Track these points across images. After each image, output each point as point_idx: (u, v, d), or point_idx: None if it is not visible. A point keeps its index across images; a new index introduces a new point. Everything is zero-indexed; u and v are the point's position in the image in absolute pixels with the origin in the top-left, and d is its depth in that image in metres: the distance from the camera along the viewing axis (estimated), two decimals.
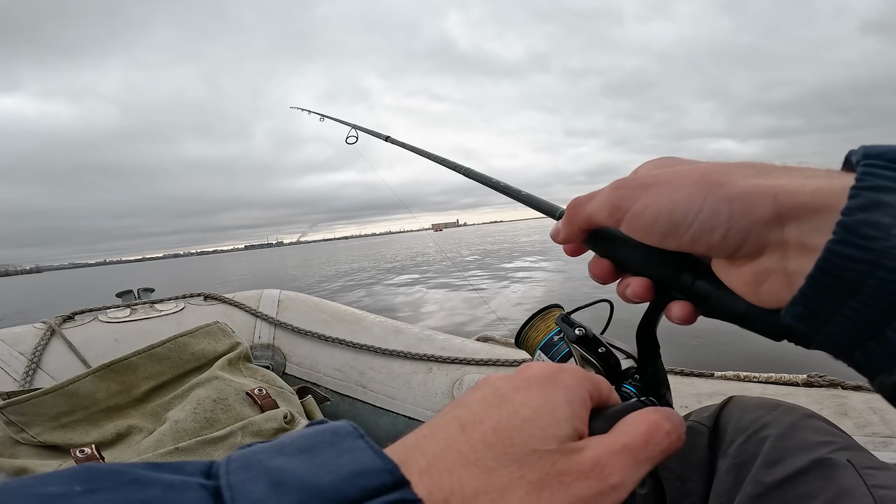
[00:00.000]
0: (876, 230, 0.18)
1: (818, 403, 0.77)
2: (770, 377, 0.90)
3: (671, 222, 0.24)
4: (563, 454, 0.20)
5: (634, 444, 0.21)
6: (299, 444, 0.18)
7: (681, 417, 0.24)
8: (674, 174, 0.25)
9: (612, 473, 0.20)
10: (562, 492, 0.19)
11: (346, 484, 0.16)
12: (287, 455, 0.18)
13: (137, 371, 0.88)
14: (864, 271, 0.18)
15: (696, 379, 0.95)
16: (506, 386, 0.23)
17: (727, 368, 0.97)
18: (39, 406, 0.79)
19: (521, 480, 0.19)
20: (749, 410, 0.51)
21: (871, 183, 0.19)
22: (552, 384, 0.23)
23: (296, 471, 0.17)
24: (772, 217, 0.21)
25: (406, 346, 1.23)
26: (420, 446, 0.21)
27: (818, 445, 0.43)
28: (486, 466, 0.19)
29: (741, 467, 0.46)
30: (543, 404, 0.22)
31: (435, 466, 0.19)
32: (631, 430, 0.22)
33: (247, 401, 0.86)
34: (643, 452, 0.21)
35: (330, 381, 1.23)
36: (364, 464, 0.17)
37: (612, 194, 0.27)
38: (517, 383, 0.23)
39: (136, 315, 1.26)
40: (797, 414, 0.48)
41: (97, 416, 0.83)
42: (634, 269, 0.29)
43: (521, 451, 0.20)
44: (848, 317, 0.19)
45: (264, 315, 1.35)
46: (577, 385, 0.23)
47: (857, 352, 0.19)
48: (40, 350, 1.09)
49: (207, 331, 1.00)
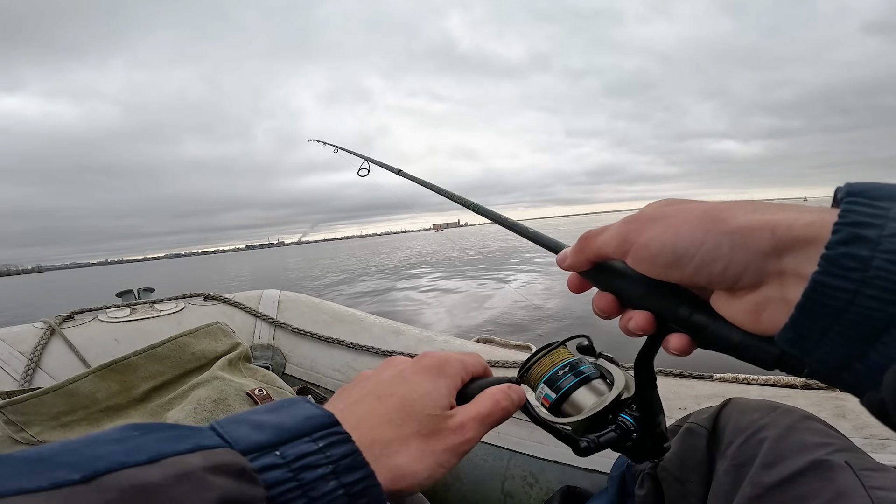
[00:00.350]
0: (856, 262, 0.20)
1: (816, 405, 0.78)
2: (768, 379, 0.91)
3: (675, 254, 0.26)
4: (443, 418, 0.31)
5: (482, 413, 0.33)
6: (268, 407, 0.27)
7: (521, 392, 0.36)
8: (679, 210, 0.27)
9: (468, 431, 0.32)
10: (441, 441, 0.31)
11: (302, 423, 0.25)
12: (259, 413, 0.26)
13: (138, 371, 0.88)
14: (846, 299, 0.20)
15: (694, 381, 0.96)
16: (408, 370, 0.34)
17: (726, 370, 0.98)
18: (39, 405, 0.79)
19: (419, 433, 0.30)
20: (747, 412, 0.52)
21: (852, 219, 0.21)
22: (439, 372, 0.34)
23: (268, 419, 0.26)
24: (770, 249, 0.23)
25: (406, 347, 1.23)
26: (349, 410, 0.31)
27: (816, 447, 0.43)
28: (396, 424, 0.30)
29: (740, 468, 0.46)
30: (433, 385, 0.33)
31: (361, 424, 0.30)
32: (481, 402, 0.33)
33: (247, 401, 0.86)
34: (486, 419, 0.33)
35: (330, 381, 1.23)
36: (312, 413, 0.26)
37: (622, 227, 0.29)
38: (416, 368, 0.34)
39: (136, 315, 1.26)
40: (795, 416, 0.49)
41: (97, 416, 0.83)
42: (637, 302, 0.30)
43: (419, 415, 0.31)
44: (835, 340, 0.21)
45: (264, 315, 1.35)
46: (455, 373, 0.35)
47: (845, 373, 0.21)
48: (40, 349, 1.09)
49: (208, 331, 1.00)
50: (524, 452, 0.91)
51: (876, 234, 0.20)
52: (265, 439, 0.24)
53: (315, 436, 0.25)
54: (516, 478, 0.90)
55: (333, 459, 0.24)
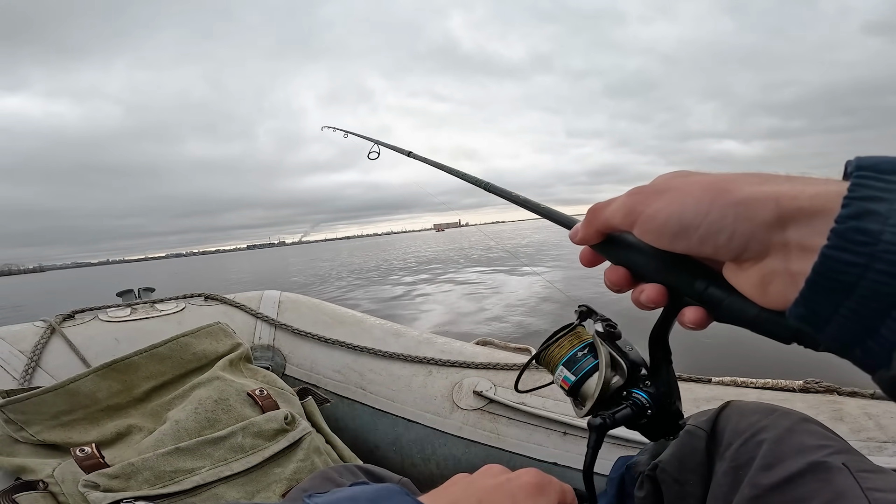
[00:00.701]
0: (866, 236, 0.19)
1: (814, 408, 0.78)
2: (767, 382, 0.91)
3: (681, 225, 0.26)
4: None
5: None
6: (368, 496, 0.26)
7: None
8: (685, 182, 0.27)
9: None
10: None
11: None
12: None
13: (139, 370, 0.89)
14: (856, 274, 0.20)
15: (693, 384, 0.96)
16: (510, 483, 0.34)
17: (724, 374, 0.98)
18: (39, 405, 0.79)
19: None
20: (746, 414, 0.52)
21: (862, 193, 0.20)
22: (541, 493, 0.34)
23: None
24: (774, 220, 0.23)
25: (406, 348, 1.23)
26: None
27: (814, 449, 0.44)
28: None
29: (738, 470, 0.47)
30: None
31: None
32: None
33: (248, 401, 0.86)
34: None
35: (330, 382, 1.23)
36: None
37: (628, 199, 0.29)
38: (520, 483, 0.34)
39: (137, 314, 1.26)
40: (793, 418, 0.49)
41: (97, 416, 0.83)
42: (649, 275, 0.30)
43: None
44: (846, 316, 0.20)
45: (265, 316, 1.35)
46: (554, 495, 0.35)
47: (857, 349, 0.21)
48: (40, 349, 1.09)
49: (209, 331, 1.00)
50: (524, 454, 0.92)
51: (886, 209, 0.20)
52: None
53: None
54: None
55: None
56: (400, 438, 1.10)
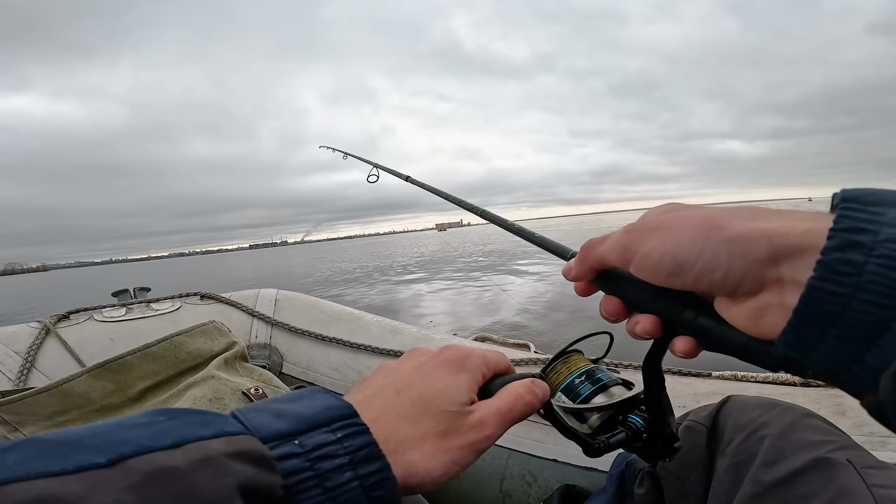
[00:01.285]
0: (850, 267, 0.20)
1: (816, 403, 0.77)
2: (767, 377, 0.90)
3: (675, 263, 0.26)
4: (461, 414, 0.31)
5: (503, 408, 0.32)
6: (289, 397, 0.28)
7: (545, 387, 0.35)
8: (678, 218, 0.27)
9: (487, 427, 0.31)
10: (458, 438, 0.30)
11: (321, 413, 0.26)
12: (280, 402, 0.27)
13: (133, 370, 0.88)
14: (842, 303, 0.20)
15: (693, 379, 0.95)
16: (429, 363, 0.34)
17: (725, 368, 0.97)
18: (33, 405, 0.78)
19: (435, 430, 0.30)
20: (747, 410, 0.51)
21: (846, 225, 0.21)
22: (460, 366, 0.33)
23: (288, 408, 0.26)
24: (767, 257, 0.23)
25: (404, 345, 1.22)
26: (366, 403, 0.30)
27: (817, 444, 0.43)
28: (413, 419, 0.30)
29: (740, 466, 0.46)
30: (452, 380, 0.32)
31: (378, 419, 0.29)
32: (503, 397, 0.33)
33: (243, 400, 0.85)
34: (508, 415, 0.32)
35: (327, 381, 1.22)
36: (331, 403, 0.27)
37: (623, 237, 0.29)
38: (436, 362, 0.34)
39: (132, 314, 1.25)
40: (796, 413, 0.48)
41: (92, 416, 0.82)
42: (643, 306, 0.31)
43: (436, 411, 0.30)
44: (832, 344, 0.21)
45: (261, 315, 1.34)
46: (476, 368, 0.34)
47: (843, 375, 0.21)
48: (35, 349, 1.08)
49: (204, 330, 0.99)
50: (523, 451, 0.91)
51: (870, 240, 0.20)
52: (285, 428, 0.24)
53: (333, 426, 0.25)
54: (515, 476, 0.90)
55: (350, 450, 0.25)
56: None
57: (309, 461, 0.23)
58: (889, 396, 0.19)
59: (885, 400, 0.20)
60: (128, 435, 0.20)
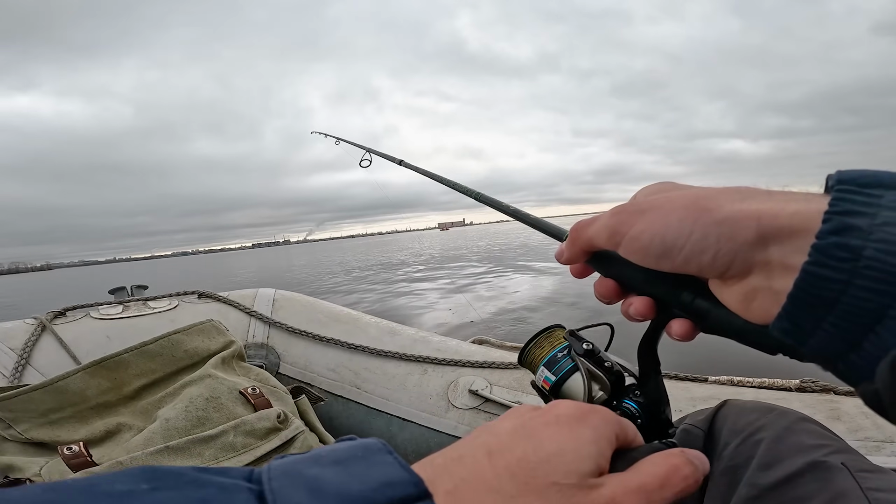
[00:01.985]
0: (847, 252, 0.19)
1: (811, 408, 0.78)
2: (763, 382, 0.91)
3: (664, 245, 0.26)
4: (582, 489, 0.21)
5: (650, 485, 0.22)
6: (334, 457, 0.20)
7: (705, 459, 0.24)
8: (666, 200, 0.27)
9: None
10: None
11: (376, 493, 0.18)
12: (322, 465, 0.19)
13: (129, 368, 0.87)
14: (838, 289, 0.20)
15: (690, 383, 0.95)
16: (535, 420, 0.25)
17: (721, 373, 0.98)
18: (28, 402, 0.78)
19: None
20: (743, 414, 0.51)
21: (843, 207, 0.20)
22: (581, 423, 0.24)
23: (331, 479, 0.19)
24: (755, 239, 0.23)
25: (401, 347, 1.22)
26: (447, 468, 0.22)
27: (813, 448, 0.43)
28: (508, 494, 0.20)
29: (736, 470, 0.46)
30: (569, 441, 0.23)
31: (460, 489, 0.20)
32: (649, 469, 0.23)
33: (240, 400, 0.85)
34: (657, 493, 0.22)
35: (324, 381, 1.22)
36: (392, 476, 0.19)
37: (611, 219, 0.29)
38: (547, 419, 0.25)
39: (129, 312, 1.25)
40: (791, 417, 0.49)
41: (86, 414, 0.82)
42: (637, 288, 0.31)
43: (542, 483, 0.21)
44: (828, 331, 0.20)
45: (259, 314, 1.34)
46: (605, 425, 0.25)
47: (840, 363, 0.21)
48: (30, 346, 1.08)
49: (201, 329, 0.99)
50: None
51: (867, 224, 0.19)
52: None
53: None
54: None
55: None
56: (394, 438, 1.09)
57: None
58: (886, 385, 0.19)
59: (882, 388, 0.19)
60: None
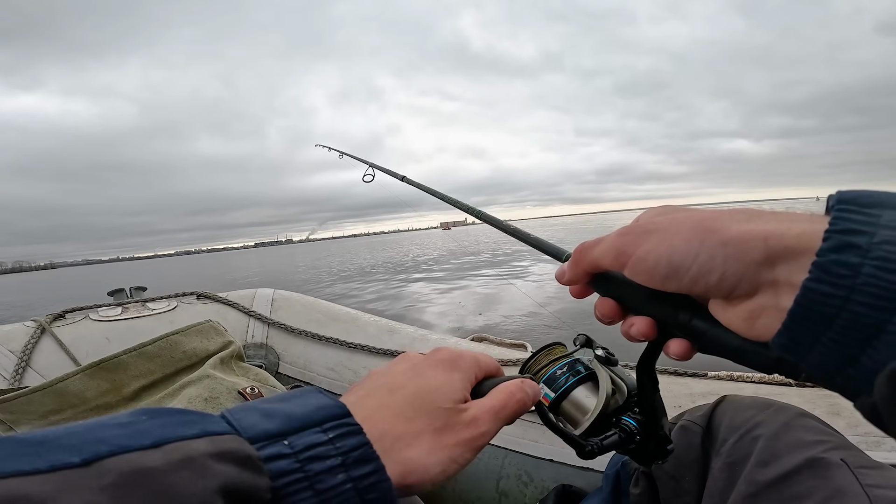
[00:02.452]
0: (846, 269, 0.20)
1: (810, 403, 0.78)
2: (762, 377, 0.91)
3: (671, 266, 0.26)
4: (456, 412, 0.31)
5: (496, 406, 0.32)
6: (279, 398, 0.27)
7: (535, 387, 0.35)
8: (672, 221, 0.27)
9: (482, 424, 0.31)
10: (454, 435, 0.30)
11: (313, 413, 0.25)
12: (271, 402, 0.26)
13: (128, 369, 0.87)
14: (837, 305, 0.20)
15: (689, 379, 0.95)
16: (421, 363, 0.34)
17: (720, 368, 0.98)
18: (28, 404, 0.78)
19: (430, 427, 0.29)
20: (742, 410, 0.51)
21: (842, 226, 0.21)
22: (453, 365, 0.34)
23: (278, 408, 0.25)
24: (763, 259, 0.23)
25: (401, 345, 1.22)
26: (360, 403, 0.30)
27: (812, 444, 0.43)
28: (408, 417, 0.29)
29: (734, 466, 0.46)
30: (446, 378, 0.32)
31: (372, 416, 0.28)
32: (496, 396, 0.33)
33: (239, 400, 0.85)
34: (502, 412, 0.32)
35: (323, 380, 1.22)
36: (323, 403, 0.26)
37: (617, 240, 0.29)
38: (430, 362, 0.34)
39: (128, 313, 1.25)
40: (790, 413, 0.48)
41: (86, 415, 0.82)
42: (638, 308, 0.31)
43: (431, 408, 0.30)
44: (827, 346, 0.21)
45: (258, 314, 1.34)
46: (468, 368, 0.34)
47: (838, 377, 0.21)
48: (30, 348, 1.08)
49: (199, 329, 0.99)
50: (519, 451, 0.91)
51: (866, 242, 0.20)
52: (274, 428, 0.24)
53: (325, 426, 0.24)
54: (511, 476, 0.90)
55: (343, 451, 0.24)
56: None
57: (299, 462, 0.23)
58: (884, 399, 0.19)
59: (880, 402, 0.20)
60: (105, 434, 0.19)
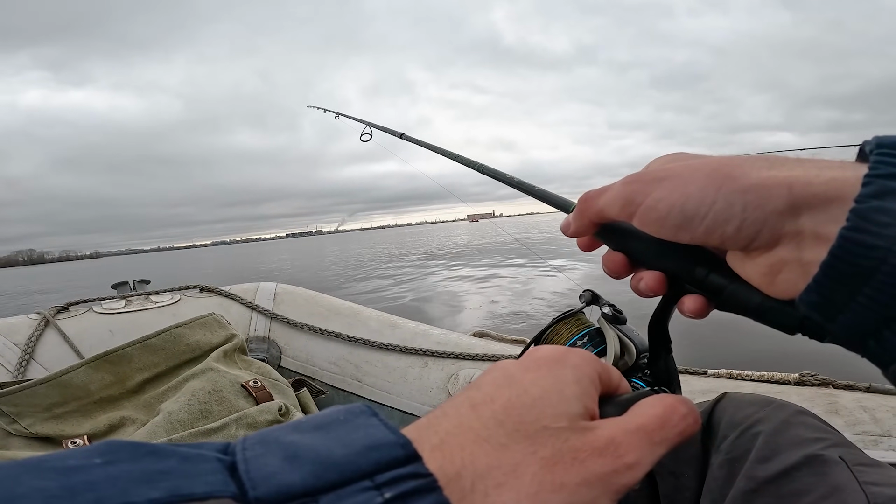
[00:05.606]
0: (889, 217, 0.18)
1: (810, 401, 0.78)
2: (762, 375, 0.91)
3: (684, 215, 0.24)
4: (575, 431, 0.19)
5: (650, 426, 0.20)
6: (314, 422, 0.18)
7: (693, 404, 0.23)
8: (686, 167, 0.25)
9: (627, 452, 0.19)
10: (576, 468, 0.18)
11: (359, 457, 0.16)
12: (302, 432, 0.18)
13: (131, 362, 0.88)
14: (877, 258, 0.18)
15: (689, 376, 0.96)
16: (515, 367, 0.23)
17: (720, 366, 0.98)
18: (32, 397, 0.78)
19: (534, 456, 0.18)
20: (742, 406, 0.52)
21: (884, 171, 0.19)
22: (561, 364, 0.23)
23: (310, 445, 0.17)
24: (787, 208, 0.21)
25: (402, 340, 1.23)
26: (432, 425, 0.20)
27: (810, 442, 0.43)
28: (498, 443, 0.19)
29: (734, 463, 0.46)
30: (553, 383, 0.21)
31: (447, 443, 0.19)
32: (646, 411, 0.21)
33: (241, 393, 0.85)
34: (659, 434, 0.20)
35: (325, 374, 1.23)
36: (377, 438, 0.17)
37: (625, 188, 0.27)
38: (526, 364, 0.23)
39: (132, 306, 1.25)
40: (790, 410, 0.49)
41: (90, 408, 0.83)
42: (648, 262, 0.29)
43: (533, 428, 0.19)
44: (862, 304, 0.19)
45: (260, 308, 1.35)
46: (585, 364, 0.23)
47: (871, 340, 0.19)
48: (34, 341, 1.08)
49: (203, 322, 0.99)
50: None
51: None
52: (299, 482, 0.15)
53: (378, 479, 0.16)
54: None
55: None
56: None
57: None
58: None
59: None
60: (32, 485, 0.13)
